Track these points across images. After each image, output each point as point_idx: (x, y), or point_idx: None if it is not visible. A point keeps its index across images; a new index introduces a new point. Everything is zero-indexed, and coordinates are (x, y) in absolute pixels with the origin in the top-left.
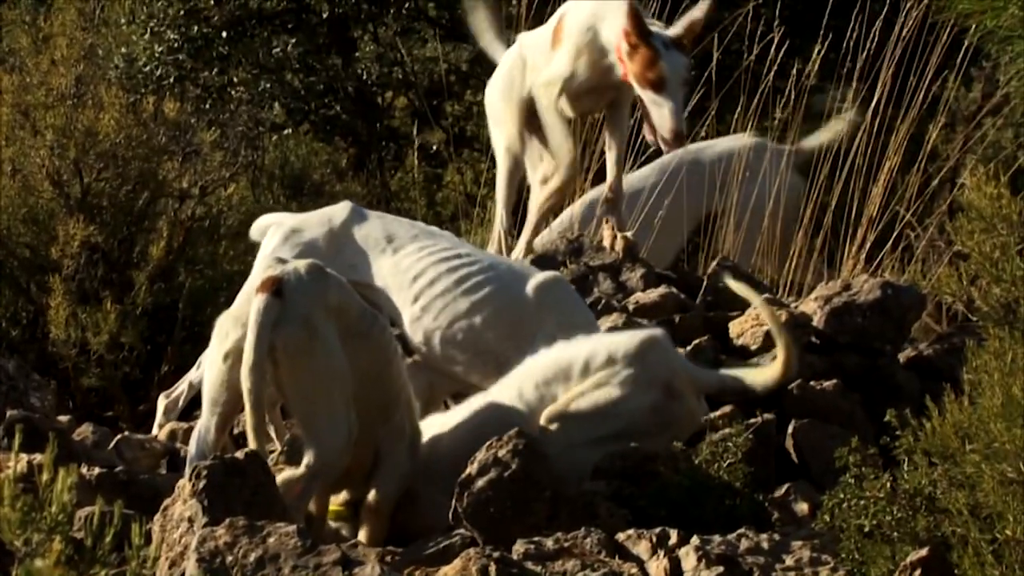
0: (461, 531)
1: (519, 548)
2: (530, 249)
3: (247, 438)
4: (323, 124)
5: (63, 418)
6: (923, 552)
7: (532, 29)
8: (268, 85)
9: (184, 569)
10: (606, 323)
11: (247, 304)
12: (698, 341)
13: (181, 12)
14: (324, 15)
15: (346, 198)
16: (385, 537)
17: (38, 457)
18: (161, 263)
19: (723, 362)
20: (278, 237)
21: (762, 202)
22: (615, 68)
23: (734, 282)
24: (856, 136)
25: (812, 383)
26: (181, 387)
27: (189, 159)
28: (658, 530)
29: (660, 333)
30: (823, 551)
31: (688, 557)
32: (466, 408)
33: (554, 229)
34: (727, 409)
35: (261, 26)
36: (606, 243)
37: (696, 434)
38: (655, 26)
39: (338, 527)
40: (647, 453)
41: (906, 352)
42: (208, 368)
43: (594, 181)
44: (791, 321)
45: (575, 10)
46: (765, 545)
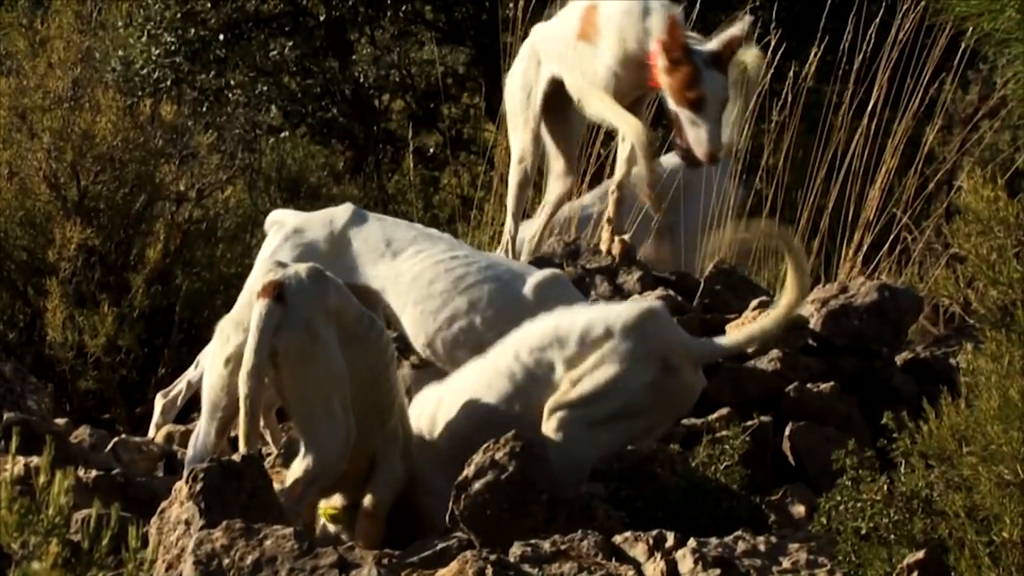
0: (458, 533)
1: (516, 550)
2: (546, 235)
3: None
4: (320, 127)
5: (60, 421)
6: (920, 554)
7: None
8: (265, 88)
9: (181, 572)
10: None
11: (248, 308)
12: None
13: (178, 15)
14: (321, 18)
15: (343, 201)
16: (381, 540)
17: (35, 460)
18: (158, 266)
19: (719, 364)
20: (280, 238)
21: (702, 215)
22: (648, 71)
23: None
24: (853, 139)
25: (809, 385)
26: (179, 386)
27: (186, 162)
28: (655, 532)
29: (659, 305)
30: (820, 553)
31: (685, 559)
32: (462, 380)
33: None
34: (724, 412)
35: (258, 29)
36: (603, 246)
37: (693, 436)
38: (693, 39)
39: (337, 530)
40: (644, 455)
41: (903, 355)
42: (208, 372)
43: (590, 184)
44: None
45: (609, 5)
46: (762, 547)
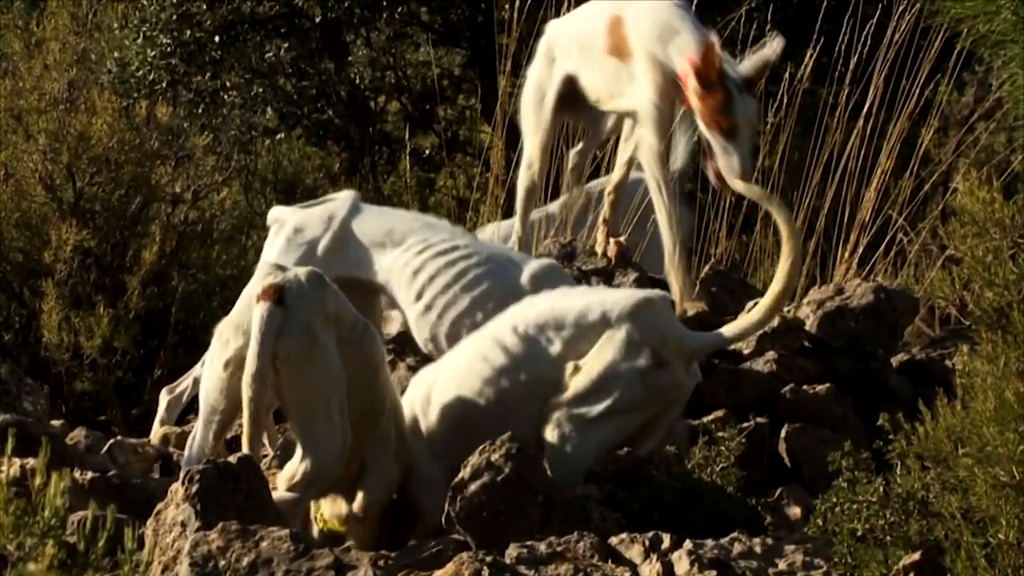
0: (454, 535)
1: (512, 552)
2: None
3: (241, 444)
4: (316, 128)
5: (56, 422)
6: (916, 556)
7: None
8: (261, 89)
9: (177, 573)
10: None
11: (248, 311)
12: None
13: (174, 16)
14: (317, 19)
15: None
16: (374, 542)
17: (31, 461)
18: (154, 267)
19: (716, 366)
20: (281, 239)
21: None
22: (680, 90)
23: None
24: (849, 140)
25: (805, 387)
26: (185, 383)
27: (182, 163)
28: (651, 534)
29: (657, 295)
30: (816, 555)
31: (681, 561)
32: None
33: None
34: (720, 413)
35: (254, 30)
36: (599, 248)
37: (689, 438)
38: (726, 61)
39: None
40: (640, 456)
41: (899, 356)
42: (206, 375)
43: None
44: (784, 325)
45: (637, 20)
46: (758, 549)
